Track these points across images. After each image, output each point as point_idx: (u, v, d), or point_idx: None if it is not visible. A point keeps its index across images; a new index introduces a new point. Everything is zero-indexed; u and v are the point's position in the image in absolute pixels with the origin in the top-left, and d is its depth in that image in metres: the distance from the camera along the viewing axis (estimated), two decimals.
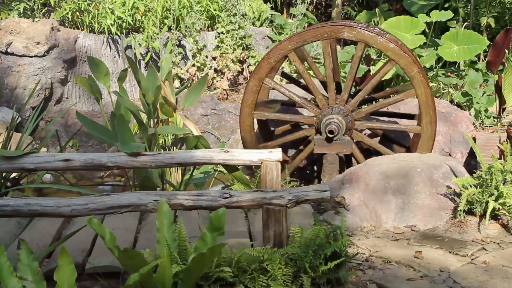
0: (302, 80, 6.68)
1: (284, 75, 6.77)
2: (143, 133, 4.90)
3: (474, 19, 9.11)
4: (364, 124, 5.86)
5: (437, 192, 4.75)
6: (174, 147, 6.16)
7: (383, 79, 7.34)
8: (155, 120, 5.45)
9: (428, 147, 5.58)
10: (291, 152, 6.60)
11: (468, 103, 7.16)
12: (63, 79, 7.45)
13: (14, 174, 5.34)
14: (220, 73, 7.99)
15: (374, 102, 6.62)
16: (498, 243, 4.31)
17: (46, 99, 7.28)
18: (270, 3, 9.39)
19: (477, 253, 4.15)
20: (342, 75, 7.45)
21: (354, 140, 5.84)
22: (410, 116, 6.36)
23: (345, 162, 6.20)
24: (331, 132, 5.59)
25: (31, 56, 7.23)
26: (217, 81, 7.91)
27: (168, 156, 3.97)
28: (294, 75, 7.62)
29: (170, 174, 5.95)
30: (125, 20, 7.66)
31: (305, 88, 6.56)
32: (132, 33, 7.80)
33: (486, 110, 6.97)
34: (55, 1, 7.68)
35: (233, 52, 7.93)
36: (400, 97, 5.72)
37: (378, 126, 5.95)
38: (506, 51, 6.63)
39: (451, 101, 7.24)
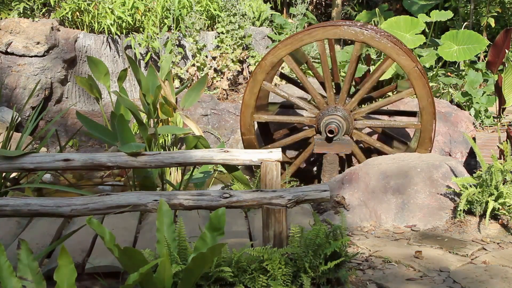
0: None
1: (282, 76, 6.78)
2: (143, 133, 4.90)
3: (474, 19, 9.11)
4: (364, 123, 5.86)
5: (437, 192, 4.75)
6: (174, 147, 6.15)
7: (382, 79, 7.36)
8: (155, 120, 5.46)
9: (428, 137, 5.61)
10: (290, 153, 6.60)
11: (468, 103, 7.16)
12: (63, 79, 7.45)
13: (14, 174, 5.34)
14: (220, 73, 7.99)
15: (373, 102, 6.63)
16: (498, 243, 4.31)
17: (46, 99, 7.28)
18: (270, 3, 9.39)
19: (477, 253, 4.15)
20: (342, 75, 7.45)
21: (354, 140, 5.85)
22: (411, 114, 6.36)
23: (346, 162, 6.20)
24: (331, 132, 5.59)
25: (31, 56, 7.23)
26: (217, 81, 7.92)
27: (168, 156, 3.97)
28: (294, 75, 7.61)
29: (170, 174, 5.95)
30: (125, 20, 7.66)
31: (304, 88, 6.56)
32: (132, 33, 7.80)
33: (486, 110, 6.98)
34: (55, 1, 7.68)
35: (233, 52, 7.93)
36: (399, 96, 5.72)
37: (378, 124, 5.96)
38: (506, 51, 6.63)
39: (451, 101, 7.24)
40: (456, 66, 8.28)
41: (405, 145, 6.21)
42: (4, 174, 5.09)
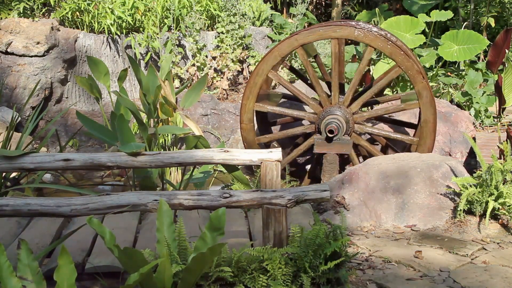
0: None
1: (292, 69, 6.81)
2: (143, 133, 4.90)
3: (474, 19, 9.11)
4: (364, 128, 5.86)
5: (437, 192, 4.75)
6: (174, 147, 6.15)
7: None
8: (155, 120, 5.46)
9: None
10: (286, 145, 6.62)
11: (468, 103, 7.16)
12: (63, 79, 7.45)
13: (14, 174, 5.34)
14: (220, 73, 7.99)
15: (376, 105, 6.63)
16: (498, 243, 4.31)
17: (46, 99, 7.28)
18: (270, 3, 9.39)
19: (477, 252, 4.15)
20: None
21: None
22: (412, 125, 6.36)
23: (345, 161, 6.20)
24: (331, 131, 5.59)
25: (31, 56, 7.23)
26: (217, 81, 7.92)
27: (168, 156, 3.97)
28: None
29: (170, 174, 5.95)
30: (125, 20, 7.66)
31: (311, 86, 6.56)
32: (132, 33, 7.80)
33: (486, 110, 6.98)
34: (55, 1, 7.68)
35: (233, 52, 7.93)
36: (403, 107, 5.74)
37: (378, 132, 5.95)
38: (506, 51, 6.63)
39: (451, 101, 7.24)
40: (456, 66, 8.27)
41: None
42: (4, 174, 5.09)
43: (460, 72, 7.95)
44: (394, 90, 7.58)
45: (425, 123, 5.58)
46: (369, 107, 6.89)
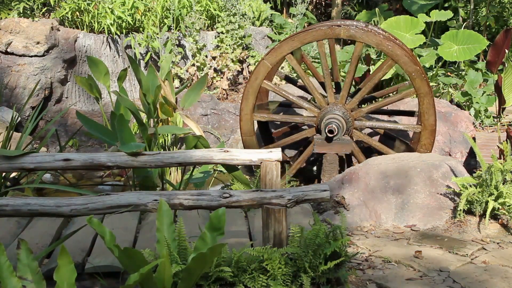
0: (299, 81, 6.69)
1: (287, 78, 6.81)
2: (143, 132, 4.90)
3: (474, 19, 9.11)
4: (364, 124, 5.86)
5: (437, 191, 4.75)
6: (174, 147, 6.15)
7: (382, 78, 7.35)
8: (155, 119, 5.46)
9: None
10: (290, 152, 6.60)
11: (468, 103, 7.16)
12: (63, 79, 7.45)
13: (13, 174, 5.34)
14: (220, 73, 7.99)
15: (374, 101, 6.63)
16: (497, 243, 4.31)
17: (46, 98, 7.28)
18: (270, 3, 9.38)
19: (477, 252, 4.15)
20: (342, 75, 7.45)
21: (354, 140, 5.84)
22: (410, 113, 6.37)
23: (346, 161, 6.20)
24: (330, 131, 5.59)
25: (31, 56, 7.23)
26: (217, 81, 7.92)
27: (168, 155, 3.97)
28: (294, 75, 7.62)
29: (170, 174, 5.95)
30: (124, 20, 7.66)
31: (303, 88, 6.56)
32: (132, 33, 7.80)
33: (486, 110, 6.98)
34: (55, 1, 7.68)
35: (233, 52, 7.93)
36: (400, 96, 5.72)
37: (379, 125, 5.95)
38: (506, 51, 6.63)
39: (451, 101, 7.24)
40: (456, 66, 8.27)
41: (406, 144, 6.21)
42: (4, 174, 5.09)
43: (460, 72, 7.95)
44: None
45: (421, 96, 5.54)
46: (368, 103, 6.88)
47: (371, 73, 7.52)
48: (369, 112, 6.13)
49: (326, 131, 5.60)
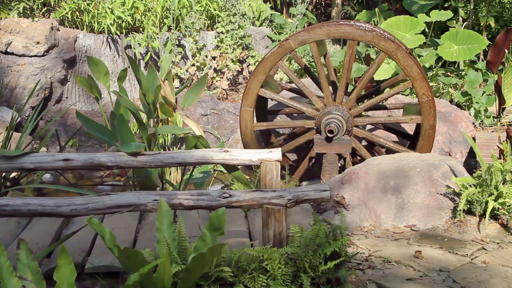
0: (292, 84, 6.69)
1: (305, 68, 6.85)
2: (143, 132, 4.90)
3: (474, 19, 9.11)
4: (365, 120, 5.87)
5: (437, 191, 4.75)
6: (174, 147, 6.16)
7: (382, 78, 7.35)
8: (155, 119, 5.46)
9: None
10: (290, 156, 6.61)
11: (468, 103, 7.16)
12: (63, 79, 7.45)
13: (13, 174, 5.34)
14: (219, 73, 7.99)
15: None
16: (497, 243, 4.31)
17: (46, 98, 7.28)
18: (270, 3, 9.38)
19: (477, 252, 4.15)
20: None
21: (356, 137, 5.86)
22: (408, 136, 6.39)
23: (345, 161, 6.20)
24: (330, 131, 5.59)
25: (31, 56, 7.23)
26: (216, 81, 7.92)
27: (168, 155, 3.97)
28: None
29: (170, 174, 5.95)
30: (124, 20, 7.66)
31: (297, 91, 6.55)
32: (132, 33, 7.80)
33: (486, 110, 6.98)
34: (55, 1, 7.68)
35: (232, 52, 7.93)
36: (396, 89, 5.74)
37: (379, 120, 5.96)
38: (506, 51, 6.63)
39: (451, 101, 7.24)
40: (456, 66, 8.27)
41: (406, 137, 6.22)
42: (4, 174, 5.09)
43: (460, 72, 7.96)
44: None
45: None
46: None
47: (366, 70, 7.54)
48: (367, 108, 6.13)
49: (326, 131, 5.60)
